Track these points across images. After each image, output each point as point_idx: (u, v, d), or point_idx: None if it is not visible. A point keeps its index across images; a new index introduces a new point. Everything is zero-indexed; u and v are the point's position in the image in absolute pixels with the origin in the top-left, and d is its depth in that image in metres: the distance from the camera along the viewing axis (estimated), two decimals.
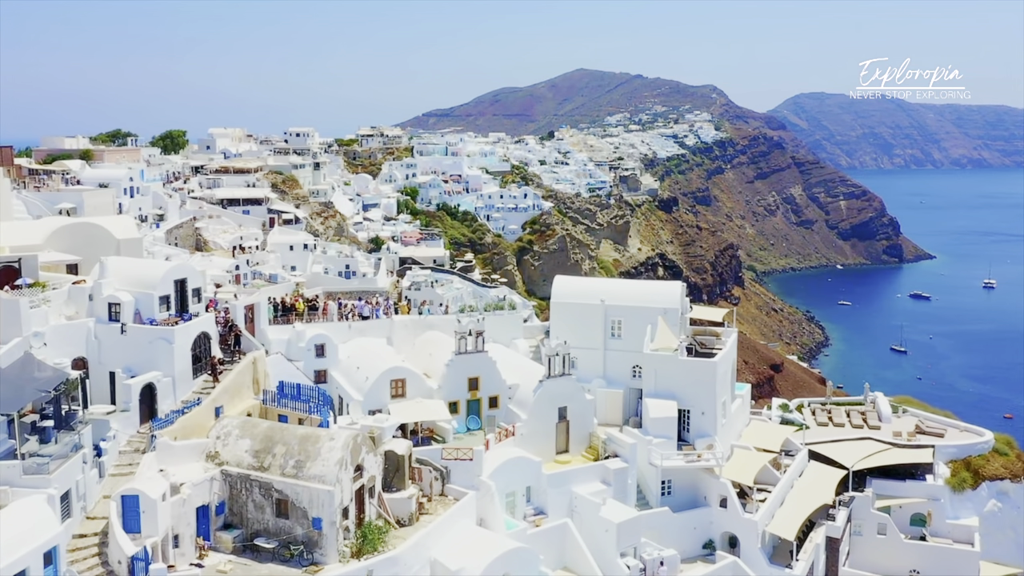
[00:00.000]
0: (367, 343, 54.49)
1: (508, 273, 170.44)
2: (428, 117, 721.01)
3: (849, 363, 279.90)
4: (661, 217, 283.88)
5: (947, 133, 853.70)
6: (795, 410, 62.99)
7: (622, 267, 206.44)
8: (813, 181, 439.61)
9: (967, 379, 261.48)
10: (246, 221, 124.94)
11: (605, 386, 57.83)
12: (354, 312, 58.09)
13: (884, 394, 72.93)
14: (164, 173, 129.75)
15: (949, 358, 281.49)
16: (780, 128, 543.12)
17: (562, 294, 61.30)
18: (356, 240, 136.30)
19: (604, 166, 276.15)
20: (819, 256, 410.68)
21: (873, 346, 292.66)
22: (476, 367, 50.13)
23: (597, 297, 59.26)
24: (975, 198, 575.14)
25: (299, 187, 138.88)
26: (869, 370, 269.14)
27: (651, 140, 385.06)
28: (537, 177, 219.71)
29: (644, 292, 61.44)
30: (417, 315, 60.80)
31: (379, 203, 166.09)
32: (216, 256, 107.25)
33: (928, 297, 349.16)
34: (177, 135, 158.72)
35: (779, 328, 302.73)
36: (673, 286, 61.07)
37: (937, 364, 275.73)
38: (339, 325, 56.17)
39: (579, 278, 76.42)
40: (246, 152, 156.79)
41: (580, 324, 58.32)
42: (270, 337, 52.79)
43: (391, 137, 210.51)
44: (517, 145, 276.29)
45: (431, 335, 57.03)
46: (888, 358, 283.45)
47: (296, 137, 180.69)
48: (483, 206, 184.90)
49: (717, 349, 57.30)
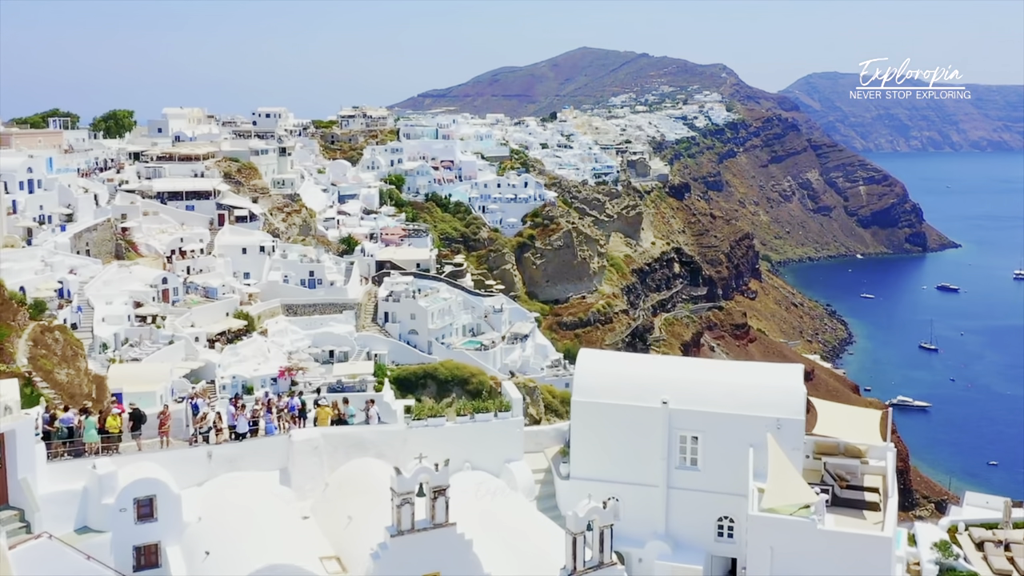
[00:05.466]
0: (240, 488, 29.92)
1: (506, 274, 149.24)
2: (423, 98, 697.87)
3: (876, 363, 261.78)
4: (672, 205, 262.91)
5: (966, 114, 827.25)
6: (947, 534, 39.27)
7: (635, 264, 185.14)
8: (831, 165, 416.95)
9: (1003, 380, 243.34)
10: (190, 219, 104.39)
11: (669, 555, 33.93)
12: (218, 426, 31.55)
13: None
14: (93, 161, 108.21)
15: (983, 357, 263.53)
16: (793, 109, 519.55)
17: (590, 386, 35.48)
18: (325, 241, 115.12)
19: (610, 150, 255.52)
20: (838, 245, 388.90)
21: (900, 344, 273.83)
22: (434, 557, 25.16)
23: (654, 392, 34.22)
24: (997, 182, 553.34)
25: (258, 177, 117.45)
26: (898, 371, 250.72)
27: (659, 122, 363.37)
28: (539, 163, 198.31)
29: (739, 387, 34.95)
30: (339, 424, 33.87)
31: (358, 194, 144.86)
32: (141, 266, 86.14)
33: (956, 289, 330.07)
34: (122, 116, 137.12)
35: (799, 324, 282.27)
36: (789, 375, 35.48)
37: (971, 364, 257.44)
38: (190, 453, 30.69)
39: (617, 354, 45.99)
40: (203, 136, 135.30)
41: (624, 440, 34.68)
42: (38, 492, 26.60)
43: (375, 118, 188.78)
44: (517, 127, 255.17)
45: (361, 467, 31.67)
46: (918, 357, 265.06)
47: (266, 118, 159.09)
48: (478, 196, 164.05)
49: (871, 492, 33.30)
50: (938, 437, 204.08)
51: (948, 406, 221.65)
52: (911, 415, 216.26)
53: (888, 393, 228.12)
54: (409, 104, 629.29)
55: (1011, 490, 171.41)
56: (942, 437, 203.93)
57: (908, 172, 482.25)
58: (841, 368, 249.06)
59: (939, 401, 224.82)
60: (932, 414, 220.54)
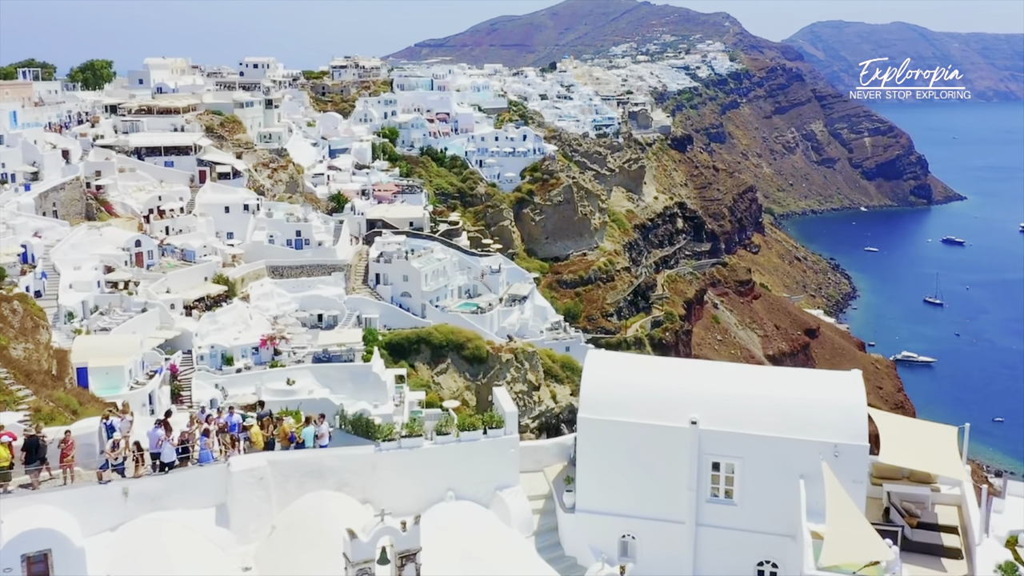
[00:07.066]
0: (164, 533, 23.70)
1: (504, 231, 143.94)
2: (421, 48, 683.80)
3: (880, 318, 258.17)
4: (674, 157, 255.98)
5: (972, 64, 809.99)
6: None
7: (637, 219, 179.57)
8: (835, 116, 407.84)
9: (1009, 334, 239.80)
10: (169, 176, 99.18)
11: None
12: (137, 454, 24.98)
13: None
14: (66, 114, 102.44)
15: (988, 311, 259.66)
16: (797, 59, 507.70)
17: (600, 399, 28.46)
18: (313, 198, 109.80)
19: (611, 101, 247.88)
20: (841, 197, 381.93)
21: (905, 298, 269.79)
22: None
23: (680, 408, 27.43)
24: (1003, 133, 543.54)
25: (243, 131, 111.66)
26: (902, 325, 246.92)
27: (661, 72, 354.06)
28: (538, 115, 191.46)
29: (786, 402, 27.74)
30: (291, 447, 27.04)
31: (349, 148, 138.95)
32: (114, 227, 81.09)
33: (961, 242, 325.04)
34: (100, 66, 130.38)
35: (802, 279, 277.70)
36: (848, 386, 27.58)
37: (976, 318, 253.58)
38: (101, 491, 24.05)
39: (633, 359, 37.20)
40: (186, 87, 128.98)
41: (642, 467, 27.95)
42: None
43: (368, 69, 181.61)
44: (515, 78, 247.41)
45: (316, 504, 25.32)
46: (922, 311, 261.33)
47: (253, 69, 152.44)
48: (475, 150, 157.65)
49: (949, 532, 26.92)
50: (943, 393, 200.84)
51: (953, 361, 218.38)
52: (916, 371, 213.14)
53: (892, 348, 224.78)
54: (405, 54, 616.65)
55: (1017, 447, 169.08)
56: (947, 393, 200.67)
57: (914, 123, 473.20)
58: (845, 323, 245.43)
59: (944, 356, 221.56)
60: (937, 369, 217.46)
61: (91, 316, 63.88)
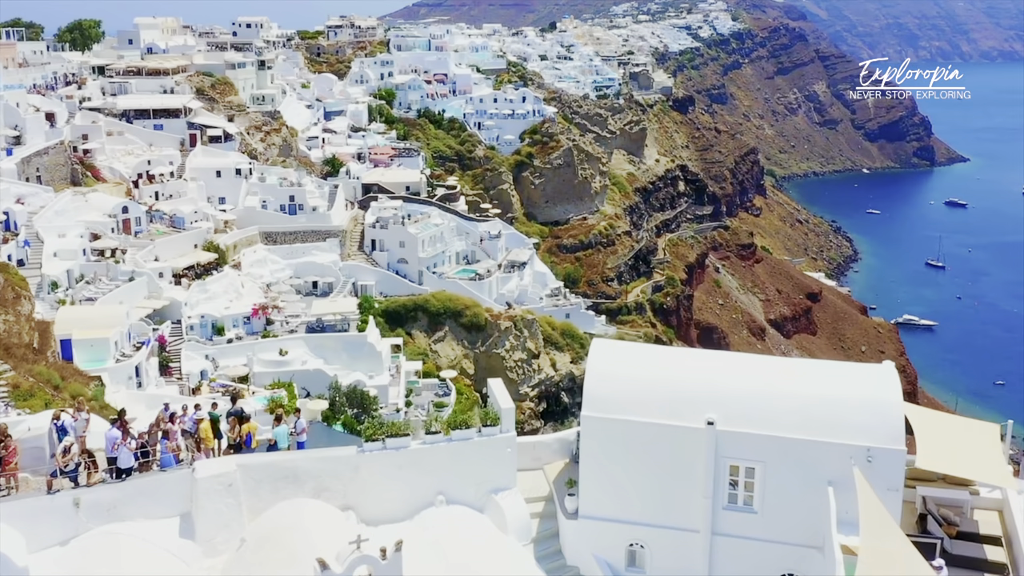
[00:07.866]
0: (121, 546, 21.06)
1: (503, 194, 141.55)
2: (418, 7, 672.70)
3: (882, 280, 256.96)
4: (676, 119, 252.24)
5: (977, 23, 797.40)
6: None
7: (637, 182, 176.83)
8: (838, 77, 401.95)
9: (1011, 297, 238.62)
10: (158, 139, 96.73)
11: None
12: (88, 462, 22.02)
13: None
14: (51, 76, 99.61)
15: (990, 274, 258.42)
16: (800, 19, 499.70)
17: (606, 395, 25.58)
18: (307, 162, 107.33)
19: (612, 61, 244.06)
20: (844, 159, 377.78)
21: (906, 261, 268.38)
22: None
23: (695, 406, 24.80)
24: (1006, 94, 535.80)
25: (234, 93, 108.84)
26: (904, 288, 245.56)
27: (662, 32, 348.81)
28: (537, 76, 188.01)
29: (813, 400, 24.82)
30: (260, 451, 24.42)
31: (345, 110, 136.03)
32: (100, 193, 78.83)
33: (964, 204, 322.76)
34: (88, 26, 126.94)
35: (804, 241, 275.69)
36: (882, 382, 24.72)
37: (978, 281, 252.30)
38: (48, 502, 21.21)
39: (643, 349, 33.19)
40: (177, 48, 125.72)
41: (652, 470, 25.38)
42: None
43: (364, 29, 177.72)
44: (514, 38, 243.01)
45: (292, 513, 22.72)
46: (924, 274, 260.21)
47: (246, 29, 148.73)
48: (473, 112, 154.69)
49: (992, 544, 24.03)
50: (944, 356, 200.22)
51: (955, 324, 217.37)
52: (917, 334, 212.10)
53: (894, 311, 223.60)
54: (403, 14, 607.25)
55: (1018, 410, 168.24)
56: (948, 356, 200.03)
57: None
58: (846, 286, 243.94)
59: (945, 319, 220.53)
60: (938, 333, 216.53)
61: (76, 286, 62.05)
